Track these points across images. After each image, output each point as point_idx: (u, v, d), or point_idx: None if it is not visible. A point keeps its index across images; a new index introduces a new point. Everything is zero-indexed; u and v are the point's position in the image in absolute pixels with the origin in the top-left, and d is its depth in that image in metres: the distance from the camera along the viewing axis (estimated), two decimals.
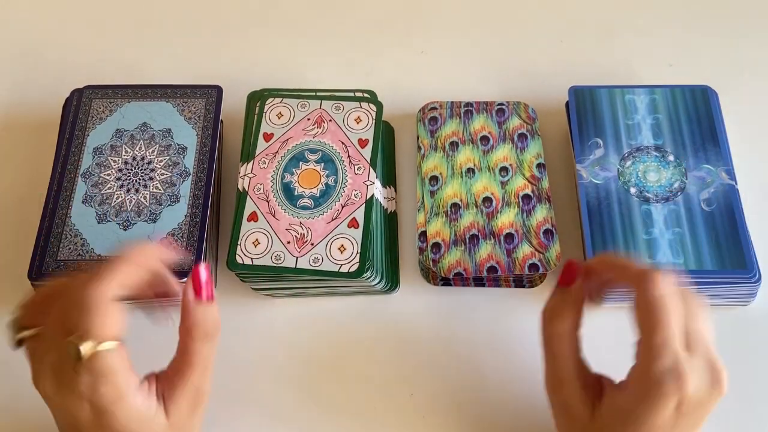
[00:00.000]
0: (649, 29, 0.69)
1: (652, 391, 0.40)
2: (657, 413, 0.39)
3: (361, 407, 0.51)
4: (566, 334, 0.44)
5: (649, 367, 0.40)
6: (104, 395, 0.39)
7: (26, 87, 0.67)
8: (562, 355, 0.43)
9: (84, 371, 0.38)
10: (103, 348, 0.38)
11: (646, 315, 0.40)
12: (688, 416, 0.40)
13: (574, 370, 0.43)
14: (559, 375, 0.43)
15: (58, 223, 0.53)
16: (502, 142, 0.59)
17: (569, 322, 0.44)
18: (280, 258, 0.51)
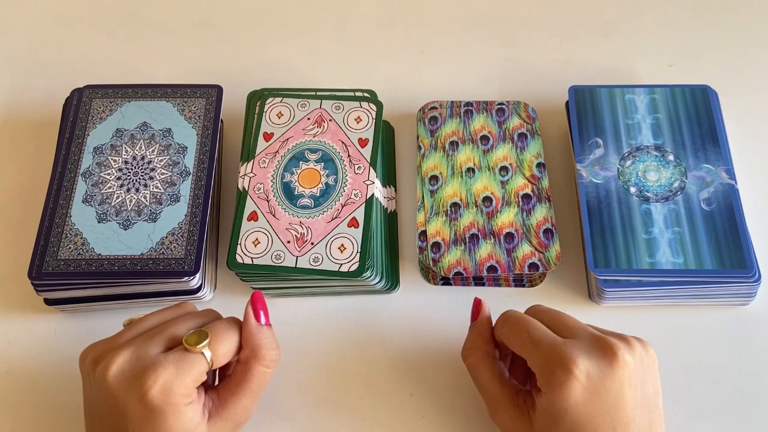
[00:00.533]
0: (649, 29, 0.69)
1: (551, 384, 0.42)
2: (568, 402, 0.41)
3: (361, 407, 0.51)
4: (482, 364, 0.46)
5: (538, 365, 0.43)
6: (167, 391, 0.41)
7: (26, 87, 0.67)
8: (486, 385, 0.46)
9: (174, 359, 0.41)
10: (207, 354, 0.42)
11: (510, 337, 0.45)
12: (604, 394, 0.41)
13: (502, 394, 0.45)
14: (491, 402, 0.46)
15: (58, 223, 0.53)
16: (502, 141, 0.59)
17: (481, 353, 0.47)
18: (280, 257, 0.51)
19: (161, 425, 0.41)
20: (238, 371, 0.45)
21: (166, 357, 0.41)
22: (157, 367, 0.41)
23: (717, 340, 0.53)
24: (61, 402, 0.52)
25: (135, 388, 0.41)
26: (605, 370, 0.41)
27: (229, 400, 0.44)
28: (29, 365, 0.53)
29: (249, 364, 0.44)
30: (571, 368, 0.41)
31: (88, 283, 0.52)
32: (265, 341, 0.45)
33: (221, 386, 0.45)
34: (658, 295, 0.53)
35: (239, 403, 0.44)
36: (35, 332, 0.55)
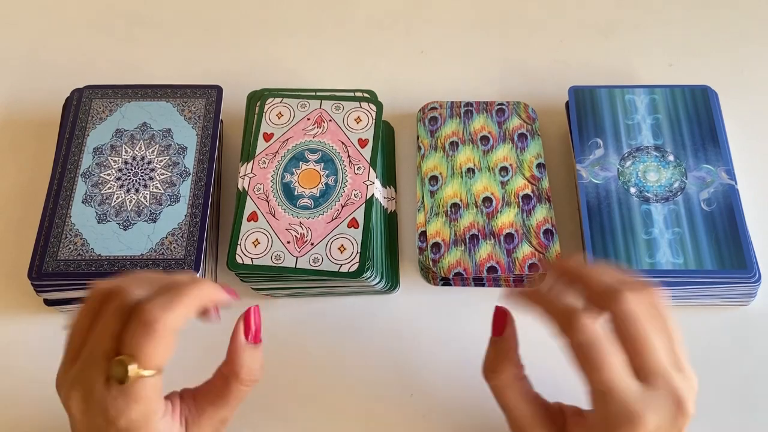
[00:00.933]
0: (649, 29, 0.69)
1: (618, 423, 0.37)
2: None
3: (361, 407, 0.51)
4: (510, 384, 0.43)
5: (602, 413, 0.38)
6: (132, 420, 0.38)
7: (26, 87, 0.67)
8: (514, 406, 0.43)
9: (120, 394, 0.38)
10: (145, 374, 0.37)
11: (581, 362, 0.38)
12: None
13: (531, 415, 0.42)
14: (518, 424, 0.43)
15: (58, 223, 0.53)
16: (502, 142, 0.59)
17: (508, 372, 0.43)
18: (280, 258, 0.51)
19: None
20: (217, 384, 0.43)
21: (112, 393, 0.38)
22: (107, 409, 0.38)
23: (717, 340, 0.53)
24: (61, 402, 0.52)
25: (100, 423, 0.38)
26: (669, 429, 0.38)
27: (206, 411, 0.43)
28: (29, 365, 0.53)
29: (229, 380, 0.43)
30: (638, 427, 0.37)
31: (88, 283, 0.52)
32: (247, 362, 0.43)
33: (199, 393, 0.44)
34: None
35: (216, 415, 0.43)
36: (35, 332, 0.55)
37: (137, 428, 0.39)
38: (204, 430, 0.43)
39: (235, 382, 0.43)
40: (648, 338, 0.38)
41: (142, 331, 0.37)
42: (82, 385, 0.39)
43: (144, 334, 0.37)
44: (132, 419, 0.38)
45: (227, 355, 0.43)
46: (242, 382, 0.43)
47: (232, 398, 0.43)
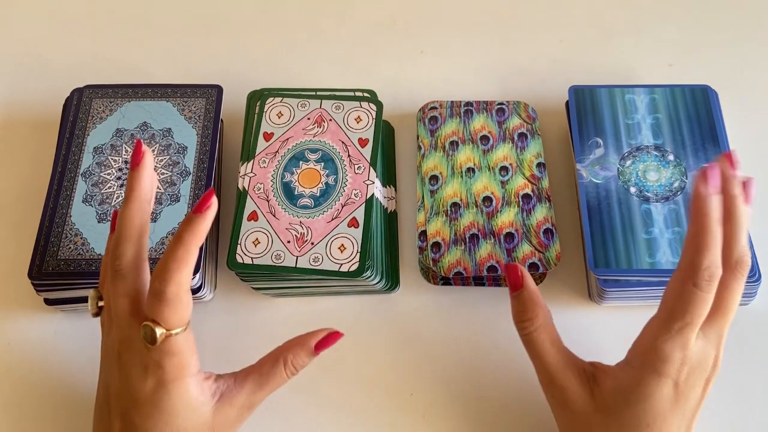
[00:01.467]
0: (649, 29, 0.69)
1: (653, 369, 0.41)
2: (656, 390, 0.41)
3: (361, 407, 0.51)
4: (537, 333, 0.45)
5: (656, 344, 0.41)
6: (167, 371, 0.42)
7: (26, 87, 0.67)
8: (543, 353, 0.44)
9: (155, 350, 0.41)
10: (173, 332, 0.41)
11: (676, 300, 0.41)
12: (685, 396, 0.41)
13: (560, 362, 0.44)
14: (547, 371, 0.44)
15: (58, 223, 0.53)
16: (502, 141, 0.59)
17: (536, 320, 0.45)
18: (280, 257, 0.51)
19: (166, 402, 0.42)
20: (266, 365, 0.45)
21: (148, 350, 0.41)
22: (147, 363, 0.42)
23: None
24: (61, 402, 0.52)
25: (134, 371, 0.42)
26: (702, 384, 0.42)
27: (245, 388, 0.45)
28: (29, 365, 0.53)
29: (278, 362, 0.45)
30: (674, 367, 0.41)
31: (89, 283, 0.52)
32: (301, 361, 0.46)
33: (241, 374, 0.46)
34: (659, 295, 0.53)
35: (253, 396, 0.45)
36: (35, 332, 0.55)
37: (172, 379, 0.42)
38: (233, 408, 0.44)
39: (282, 366, 0.45)
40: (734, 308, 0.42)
41: (155, 302, 0.41)
42: (124, 343, 0.43)
43: (158, 304, 0.41)
44: (166, 371, 0.42)
45: (292, 343, 0.46)
46: (287, 369, 0.45)
47: (272, 380, 0.45)
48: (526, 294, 0.46)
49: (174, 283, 0.41)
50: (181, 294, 0.41)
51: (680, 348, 0.41)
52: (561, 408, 0.44)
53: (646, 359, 0.42)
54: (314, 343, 0.46)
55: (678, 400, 0.41)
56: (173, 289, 0.41)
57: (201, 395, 0.43)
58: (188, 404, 0.42)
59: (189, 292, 0.42)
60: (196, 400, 0.43)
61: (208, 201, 0.42)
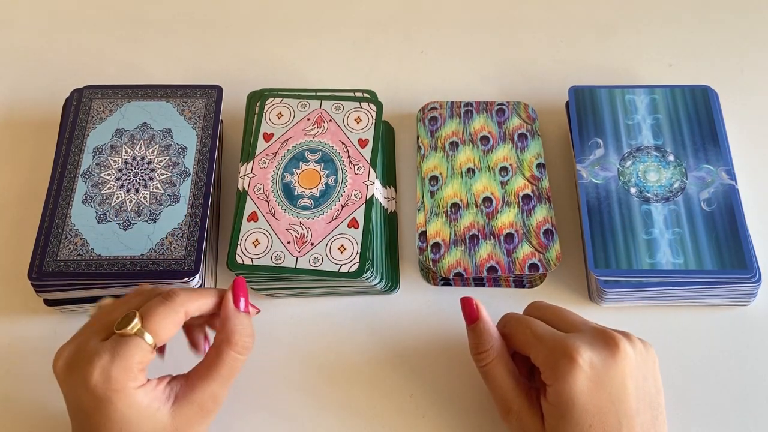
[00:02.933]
0: (649, 29, 0.69)
1: (556, 375, 0.42)
2: (573, 391, 0.41)
3: (361, 407, 0.51)
4: (493, 364, 0.46)
5: (542, 358, 0.43)
6: (111, 377, 0.41)
7: (26, 87, 0.67)
8: (499, 384, 0.46)
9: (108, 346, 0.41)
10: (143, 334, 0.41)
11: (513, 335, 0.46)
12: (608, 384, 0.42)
13: (515, 390, 0.45)
14: (505, 401, 0.45)
15: (58, 223, 0.53)
16: (502, 142, 0.59)
17: (492, 352, 0.46)
18: (280, 258, 0.51)
19: (113, 413, 0.41)
20: (209, 355, 0.44)
21: (103, 345, 0.42)
22: (92, 357, 0.41)
23: (717, 340, 0.53)
24: (61, 402, 0.52)
25: (78, 379, 0.41)
26: (608, 360, 0.42)
27: (197, 385, 0.44)
28: (29, 365, 0.53)
29: (221, 348, 0.44)
30: (574, 357, 0.42)
31: (88, 283, 0.52)
32: (239, 327, 0.44)
33: (192, 371, 0.45)
34: (659, 295, 0.53)
35: (207, 389, 0.43)
36: (35, 332, 0.55)
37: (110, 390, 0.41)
38: (191, 406, 0.43)
39: (227, 347, 0.44)
40: (562, 310, 0.47)
41: (160, 300, 0.42)
42: (77, 341, 0.43)
43: (159, 302, 0.42)
44: (108, 376, 0.41)
45: (220, 325, 0.45)
46: (234, 347, 0.44)
47: (224, 367, 0.44)
48: (481, 326, 0.47)
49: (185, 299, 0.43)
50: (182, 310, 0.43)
51: (553, 343, 0.43)
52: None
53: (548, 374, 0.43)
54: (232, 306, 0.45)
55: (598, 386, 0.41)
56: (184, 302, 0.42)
57: (152, 399, 0.42)
58: (140, 413, 0.41)
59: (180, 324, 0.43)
60: (149, 406, 0.42)
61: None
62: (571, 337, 0.43)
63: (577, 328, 0.45)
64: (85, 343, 0.42)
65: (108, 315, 0.44)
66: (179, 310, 0.43)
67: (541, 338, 0.44)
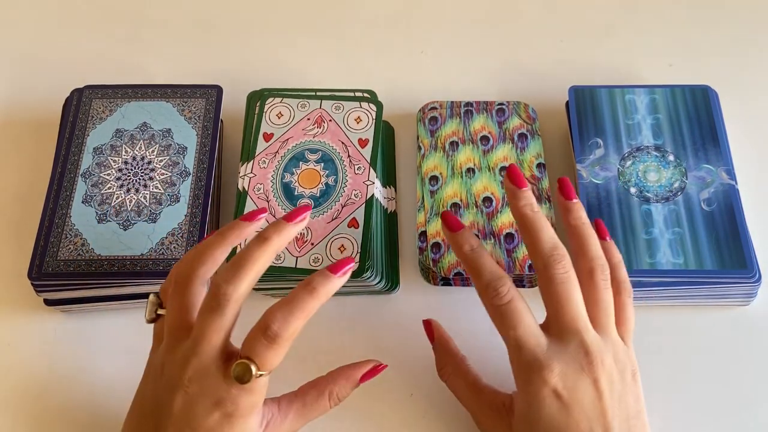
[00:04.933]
0: (649, 29, 0.69)
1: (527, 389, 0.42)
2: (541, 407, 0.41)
3: (361, 407, 0.51)
4: (456, 377, 0.48)
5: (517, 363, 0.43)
6: (241, 408, 0.40)
7: (26, 87, 0.67)
8: (464, 396, 0.47)
9: (236, 387, 0.40)
10: (262, 373, 0.40)
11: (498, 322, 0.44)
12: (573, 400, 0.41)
13: (479, 401, 0.46)
14: (472, 411, 0.47)
15: (58, 223, 0.53)
16: (502, 141, 0.59)
17: (451, 367, 0.48)
18: (280, 258, 0.51)
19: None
20: (310, 394, 0.45)
21: (228, 386, 0.40)
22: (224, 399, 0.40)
23: (717, 340, 0.53)
24: (61, 402, 0.52)
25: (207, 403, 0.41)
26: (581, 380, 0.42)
27: (289, 417, 0.44)
28: (29, 365, 0.53)
29: (323, 395, 0.45)
30: (546, 377, 0.41)
31: (88, 283, 0.52)
32: (346, 392, 0.46)
33: (285, 400, 0.45)
34: (658, 295, 0.53)
35: (296, 423, 0.45)
36: (35, 332, 0.55)
37: (239, 416, 0.41)
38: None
39: (326, 398, 0.45)
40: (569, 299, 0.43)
41: (265, 342, 0.40)
42: (200, 373, 0.40)
43: (267, 346, 0.40)
44: (240, 407, 0.40)
45: (337, 375, 0.46)
46: (332, 400, 0.45)
47: (314, 411, 0.45)
48: (439, 346, 0.49)
49: (292, 329, 0.40)
50: (290, 341, 0.41)
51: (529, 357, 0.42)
52: None
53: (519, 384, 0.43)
54: (359, 375, 0.46)
55: (567, 407, 0.41)
56: (288, 335, 0.40)
57: (258, 428, 0.43)
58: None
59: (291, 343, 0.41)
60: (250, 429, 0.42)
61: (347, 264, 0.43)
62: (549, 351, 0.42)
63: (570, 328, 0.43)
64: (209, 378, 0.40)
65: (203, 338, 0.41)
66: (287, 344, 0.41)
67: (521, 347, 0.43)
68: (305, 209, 0.45)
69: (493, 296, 0.43)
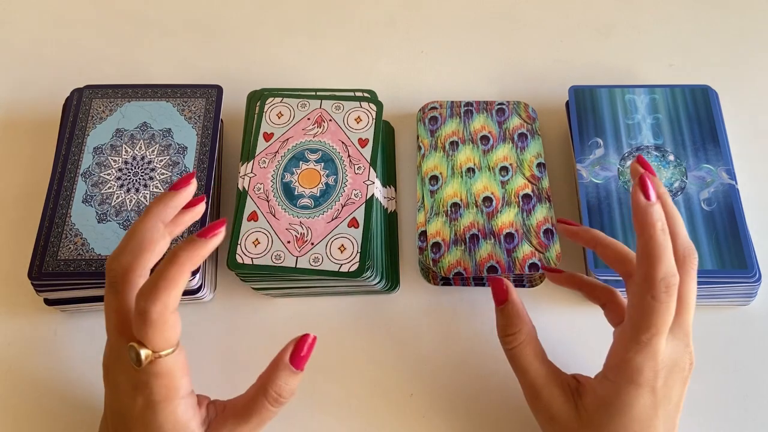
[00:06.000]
0: (649, 29, 0.69)
1: (629, 380, 0.41)
2: (636, 400, 0.41)
3: (361, 407, 0.51)
4: (522, 347, 0.45)
5: (628, 357, 0.41)
6: (155, 391, 0.40)
7: (26, 87, 0.67)
8: (527, 368, 0.45)
9: (142, 371, 0.40)
10: (161, 353, 0.39)
11: (640, 313, 0.40)
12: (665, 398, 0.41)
13: (545, 376, 0.44)
14: (532, 386, 0.44)
15: (58, 223, 0.53)
16: (502, 141, 0.59)
17: (520, 335, 0.45)
18: (280, 258, 0.51)
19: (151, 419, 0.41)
20: (248, 395, 0.44)
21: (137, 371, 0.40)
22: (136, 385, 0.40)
23: (717, 340, 0.53)
24: (61, 402, 0.52)
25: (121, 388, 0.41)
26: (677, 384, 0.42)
27: (228, 422, 0.43)
28: (29, 365, 0.53)
29: (258, 395, 0.43)
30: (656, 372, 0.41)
31: (89, 283, 0.52)
32: (282, 382, 0.43)
33: (229, 403, 0.44)
34: None
35: (237, 429, 0.43)
36: (35, 332, 0.55)
37: (160, 401, 0.40)
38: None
39: (262, 396, 0.43)
40: (693, 300, 0.42)
41: (140, 322, 0.39)
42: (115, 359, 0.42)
43: (143, 325, 0.39)
44: (154, 391, 0.40)
45: (266, 369, 0.44)
46: (268, 397, 0.43)
47: (255, 414, 0.43)
48: (510, 308, 0.46)
49: (160, 304, 0.38)
50: (166, 315, 0.39)
51: (651, 358, 0.41)
52: (547, 423, 0.44)
53: (620, 372, 0.42)
54: (287, 358, 0.43)
55: (658, 405, 0.41)
56: (159, 310, 0.38)
57: (192, 419, 0.42)
58: (175, 426, 0.41)
59: (176, 313, 0.40)
60: (185, 424, 0.41)
61: (217, 229, 0.41)
62: (670, 346, 0.41)
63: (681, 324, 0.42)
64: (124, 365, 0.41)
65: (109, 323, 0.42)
66: (162, 319, 0.39)
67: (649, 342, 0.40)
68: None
69: (663, 291, 0.39)
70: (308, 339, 0.44)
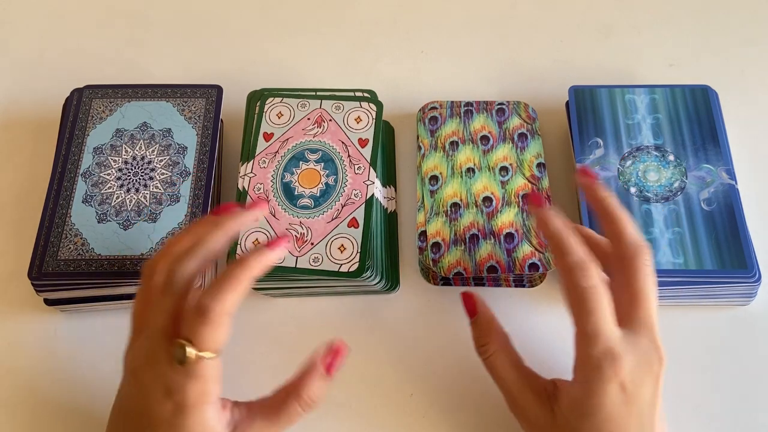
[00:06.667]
0: (649, 29, 0.69)
1: (593, 378, 0.41)
2: (604, 398, 0.41)
3: (361, 407, 0.51)
4: (495, 356, 0.46)
5: (586, 354, 0.41)
6: (189, 395, 0.40)
7: (26, 87, 0.67)
8: (502, 376, 0.46)
9: (181, 371, 0.40)
10: (204, 356, 0.40)
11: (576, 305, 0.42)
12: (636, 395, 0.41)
13: (520, 383, 0.45)
14: (509, 392, 0.45)
15: (58, 223, 0.53)
16: (502, 141, 0.59)
17: (496, 344, 0.46)
18: (280, 258, 0.51)
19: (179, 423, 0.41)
20: (277, 397, 0.44)
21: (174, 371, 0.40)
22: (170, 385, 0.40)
23: (717, 340, 0.53)
24: (61, 402, 0.52)
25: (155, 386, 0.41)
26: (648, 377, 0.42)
27: (256, 422, 0.44)
28: (29, 365, 0.53)
29: (288, 398, 0.44)
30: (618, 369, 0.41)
31: (88, 283, 0.52)
32: (314, 387, 0.44)
33: (254, 405, 0.45)
34: (658, 295, 0.53)
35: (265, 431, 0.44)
36: (35, 332, 0.55)
37: (191, 405, 0.40)
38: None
39: (294, 400, 0.44)
40: (649, 294, 0.43)
41: (198, 319, 0.40)
42: (150, 360, 0.41)
43: (200, 322, 0.39)
44: (188, 395, 0.40)
45: (298, 373, 0.45)
46: (300, 402, 0.44)
47: (284, 416, 0.44)
48: (481, 320, 0.48)
49: (224, 303, 0.40)
50: (224, 317, 0.40)
51: (603, 345, 0.41)
52: (527, 427, 0.45)
53: (583, 371, 0.42)
54: (322, 364, 0.45)
55: (629, 401, 0.41)
56: (220, 309, 0.40)
57: (218, 424, 0.42)
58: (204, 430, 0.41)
59: (231, 320, 0.41)
60: (212, 428, 0.42)
61: (282, 242, 0.44)
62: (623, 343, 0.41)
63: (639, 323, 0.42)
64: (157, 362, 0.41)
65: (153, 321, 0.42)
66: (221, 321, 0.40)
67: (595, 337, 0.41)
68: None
69: (580, 276, 0.41)
70: (340, 349, 0.46)
